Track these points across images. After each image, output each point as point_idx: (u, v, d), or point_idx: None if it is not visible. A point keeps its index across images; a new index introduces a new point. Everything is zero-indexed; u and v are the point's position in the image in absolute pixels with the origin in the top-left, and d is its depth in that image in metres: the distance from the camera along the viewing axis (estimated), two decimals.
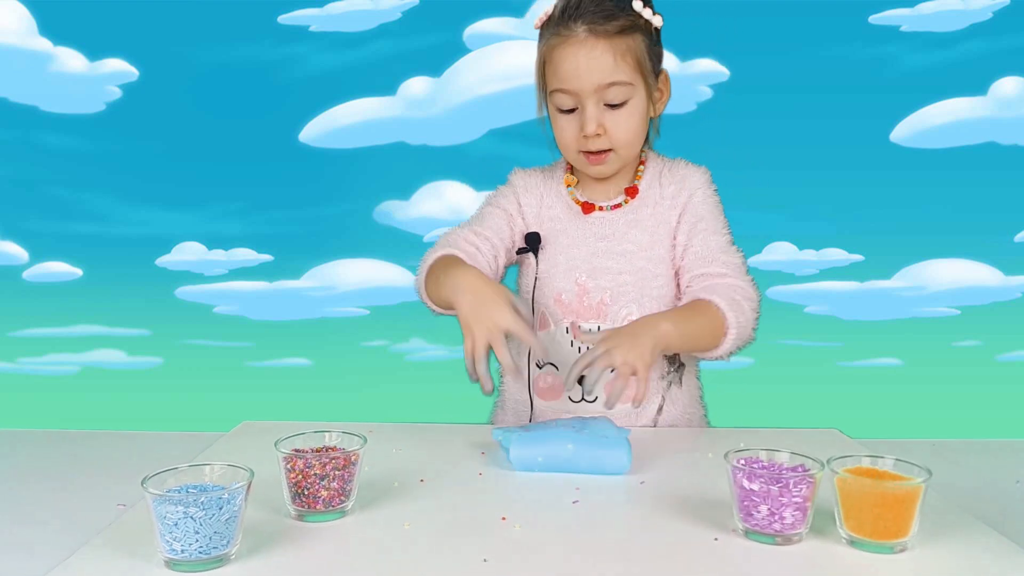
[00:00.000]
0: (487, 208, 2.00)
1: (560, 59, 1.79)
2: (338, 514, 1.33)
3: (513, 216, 1.98)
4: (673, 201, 1.91)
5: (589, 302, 1.90)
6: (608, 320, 1.89)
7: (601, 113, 1.79)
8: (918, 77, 3.90)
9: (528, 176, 2.03)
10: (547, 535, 1.28)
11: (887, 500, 1.22)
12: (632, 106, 1.81)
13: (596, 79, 1.77)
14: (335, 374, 4.10)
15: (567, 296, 1.91)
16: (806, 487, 1.23)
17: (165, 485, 1.21)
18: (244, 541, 1.21)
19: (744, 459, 1.31)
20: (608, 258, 1.91)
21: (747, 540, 1.25)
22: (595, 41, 1.76)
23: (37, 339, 4.13)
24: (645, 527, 1.30)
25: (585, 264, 1.91)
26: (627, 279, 1.89)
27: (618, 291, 1.89)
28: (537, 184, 2.00)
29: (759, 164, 3.80)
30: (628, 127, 1.82)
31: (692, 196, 1.90)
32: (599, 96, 1.78)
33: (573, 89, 1.79)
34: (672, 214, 1.90)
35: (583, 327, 1.88)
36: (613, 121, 1.80)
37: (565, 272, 1.92)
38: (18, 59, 3.89)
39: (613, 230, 1.92)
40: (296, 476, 1.31)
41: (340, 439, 1.40)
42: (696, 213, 1.89)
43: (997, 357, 4.02)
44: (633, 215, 1.92)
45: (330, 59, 4.03)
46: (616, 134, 1.81)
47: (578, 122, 1.82)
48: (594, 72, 1.77)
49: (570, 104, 1.81)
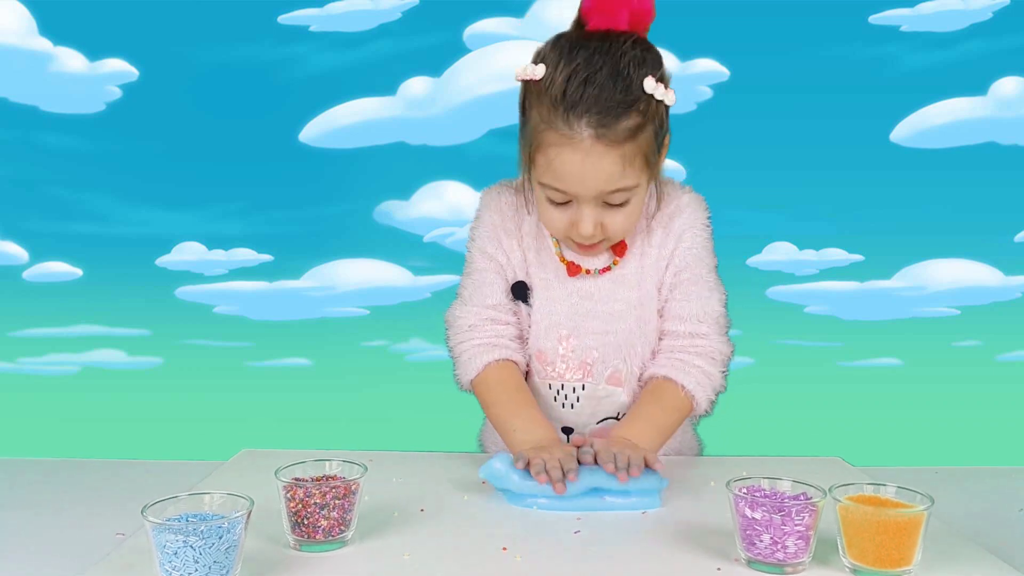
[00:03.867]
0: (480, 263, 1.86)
1: (558, 160, 1.59)
2: (338, 544, 1.33)
3: (503, 266, 1.85)
4: (660, 251, 1.80)
5: (572, 363, 1.83)
6: (592, 378, 1.83)
7: (600, 213, 1.64)
8: (918, 77, 3.89)
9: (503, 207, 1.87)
10: (548, 566, 1.28)
11: (889, 528, 1.22)
12: (634, 203, 1.66)
13: (600, 187, 1.60)
14: (335, 374, 4.09)
15: (550, 354, 1.84)
16: (808, 516, 1.24)
17: (165, 514, 1.21)
18: (244, 571, 1.22)
19: (746, 488, 1.31)
20: (592, 319, 1.81)
21: (750, 569, 1.26)
22: (603, 150, 1.56)
23: (37, 339, 4.12)
24: (647, 557, 1.30)
25: (568, 322, 1.82)
26: (612, 339, 1.81)
27: (604, 350, 1.81)
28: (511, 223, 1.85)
29: (759, 164, 3.79)
30: (627, 224, 1.68)
31: (680, 241, 1.80)
32: (599, 198, 1.62)
33: (571, 192, 1.62)
34: (660, 264, 1.80)
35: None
36: (612, 219, 1.65)
37: (547, 329, 1.83)
38: (18, 59, 3.88)
39: (598, 290, 1.81)
40: (296, 505, 1.31)
41: (340, 468, 1.39)
42: (683, 260, 1.79)
43: (997, 357, 4.02)
44: (620, 271, 1.81)
45: (330, 59, 4.02)
46: (613, 229, 1.67)
47: (569, 215, 1.66)
48: (599, 180, 1.59)
49: (562, 199, 1.64)
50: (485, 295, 1.85)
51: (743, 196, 3.56)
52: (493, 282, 1.85)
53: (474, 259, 1.88)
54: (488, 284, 1.85)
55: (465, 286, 1.89)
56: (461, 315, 1.86)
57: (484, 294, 1.85)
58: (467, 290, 1.88)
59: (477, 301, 1.85)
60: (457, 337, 1.85)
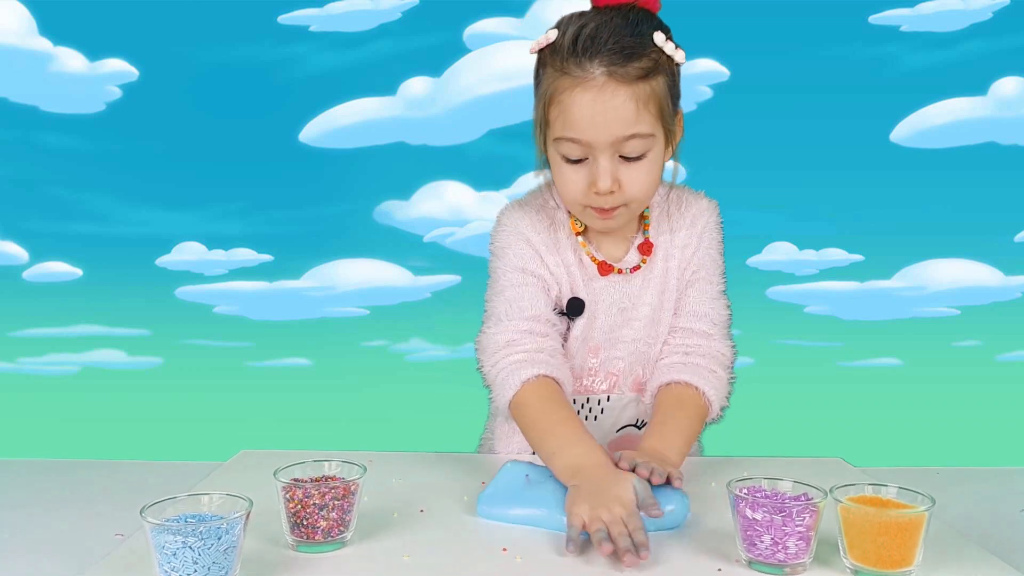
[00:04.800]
0: (515, 279, 1.74)
1: (571, 104, 1.55)
2: (337, 545, 1.33)
3: (547, 281, 1.74)
4: (683, 252, 1.76)
5: (600, 378, 1.80)
6: (618, 388, 1.80)
7: (616, 167, 1.57)
8: (918, 77, 3.90)
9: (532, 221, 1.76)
10: (548, 567, 1.28)
11: (891, 529, 1.22)
12: (650, 159, 1.59)
13: (614, 131, 1.54)
14: (335, 374, 4.10)
15: (578, 371, 1.78)
16: (809, 516, 1.23)
17: (164, 514, 1.20)
18: (243, 571, 1.22)
19: (747, 488, 1.30)
20: (626, 327, 1.76)
21: (750, 570, 1.25)
22: (615, 87, 1.53)
23: (37, 339, 4.13)
24: (649, 558, 1.30)
25: (603, 337, 1.77)
26: (638, 347, 1.77)
27: (631, 359, 1.78)
28: (544, 228, 1.75)
29: (759, 164, 3.80)
30: (645, 182, 1.60)
31: (700, 242, 1.77)
32: (615, 148, 1.56)
33: (585, 140, 1.55)
34: (681, 265, 1.77)
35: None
36: (629, 176, 1.58)
37: (580, 345, 1.76)
38: (18, 59, 3.88)
39: (628, 296, 1.75)
40: (295, 506, 1.31)
41: (339, 468, 1.39)
42: (699, 261, 1.77)
43: (997, 357, 4.02)
44: (647, 273, 1.76)
45: (330, 59, 4.02)
46: (631, 189, 1.59)
47: (587, 174, 1.59)
48: (612, 124, 1.53)
49: (579, 154, 1.58)
50: (523, 308, 1.71)
51: (743, 196, 3.54)
52: (534, 295, 1.72)
53: (506, 277, 1.75)
54: (528, 297, 1.72)
55: (496, 304, 1.75)
56: (495, 332, 1.71)
57: (522, 307, 1.71)
58: (499, 308, 1.74)
59: (514, 314, 1.71)
60: (493, 358, 1.69)
